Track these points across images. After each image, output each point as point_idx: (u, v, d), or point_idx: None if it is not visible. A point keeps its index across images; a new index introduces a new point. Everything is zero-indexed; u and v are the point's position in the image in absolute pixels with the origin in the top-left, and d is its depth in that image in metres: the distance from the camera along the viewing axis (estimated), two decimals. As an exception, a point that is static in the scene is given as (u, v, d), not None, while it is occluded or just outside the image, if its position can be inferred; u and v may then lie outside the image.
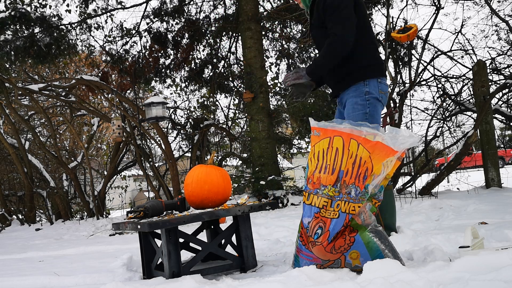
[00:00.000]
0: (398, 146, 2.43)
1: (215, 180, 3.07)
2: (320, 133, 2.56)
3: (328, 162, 2.49)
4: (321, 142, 2.54)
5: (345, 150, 2.45)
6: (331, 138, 2.50)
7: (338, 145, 2.47)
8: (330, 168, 2.48)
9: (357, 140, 2.44)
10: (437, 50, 8.01)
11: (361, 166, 2.42)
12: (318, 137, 2.57)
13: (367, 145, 2.42)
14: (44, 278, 3.34)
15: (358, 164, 2.42)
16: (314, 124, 2.61)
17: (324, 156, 2.51)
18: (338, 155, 2.46)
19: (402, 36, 3.31)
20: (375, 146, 2.42)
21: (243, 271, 2.96)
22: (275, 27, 9.87)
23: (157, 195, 8.86)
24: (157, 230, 2.95)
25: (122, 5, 9.31)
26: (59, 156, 9.31)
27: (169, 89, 14.18)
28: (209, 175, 3.06)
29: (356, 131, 2.45)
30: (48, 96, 9.56)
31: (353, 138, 2.44)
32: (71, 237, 6.92)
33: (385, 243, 2.44)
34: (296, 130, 10.37)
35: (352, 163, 2.43)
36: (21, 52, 7.72)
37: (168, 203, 3.17)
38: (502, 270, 1.92)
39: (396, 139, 2.43)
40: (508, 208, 4.58)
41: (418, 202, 5.54)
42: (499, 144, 9.06)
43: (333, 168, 2.47)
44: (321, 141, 2.54)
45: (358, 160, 2.42)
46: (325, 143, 2.52)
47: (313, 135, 2.61)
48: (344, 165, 2.44)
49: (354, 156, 2.43)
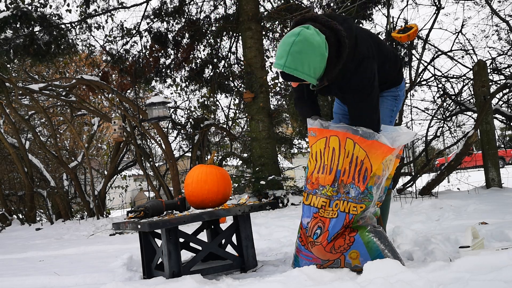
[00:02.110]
0: (393, 143, 2.43)
1: (215, 180, 3.07)
2: (317, 133, 2.56)
3: (325, 162, 2.49)
4: (318, 142, 2.54)
5: (341, 149, 2.45)
6: (327, 138, 2.50)
7: (335, 144, 2.47)
8: (327, 168, 2.48)
9: (353, 139, 2.44)
10: (438, 50, 8.00)
11: (358, 165, 2.42)
12: (315, 137, 2.57)
13: (363, 144, 2.42)
14: (45, 278, 3.34)
15: (355, 163, 2.43)
16: (311, 124, 2.61)
17: (321, 156, 2.52)
18: (334, 154, 2.47)
19: (403, 36, 3.31)
20: (371, 145, 2.42)
21: (243, 271, 2.96)
22: (275, 27, 9.87)
23: (157, 195, 8.86)
24: (157, 230, 2.95)
25: (123, 5, 9.32)
26: (59, 156, 9.31)
27: (170, 89, 14.19)
28: (209, 175, 3.06)
29: (351, 130, 2.45)
30: (48, 96, 9.56)
31: (348, 138, 2.44)
32: (71, 237, 6.92)
33: (385, 243, 2.44)
34: (297, 130, 10.38)
35: (349, 163, 2.43)
36: (20, 50, 7.73)
37: (169, 203, 3.17)
38: (502, 270, 1.92)
39: (391, 137, 2.44)
40: (508, 208, 4.57)
41: (418, 202, 5.54)
42: (500, 144, 9.06)
43: (331, 168, 2.47)
44: (318, 142, 2.55)
45: (354, 159, 2.43)
46: (321, 143, 2.52)
47: (310, 136, 2.61)
48: (341, 164, 2.45)
49: (351, 156, 2.43)
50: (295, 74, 2.35)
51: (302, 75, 2.35)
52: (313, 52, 2.33)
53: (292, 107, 8.61)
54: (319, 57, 2.34)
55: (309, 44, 2.32)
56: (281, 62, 2.35)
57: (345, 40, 2.38)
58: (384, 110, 2.71)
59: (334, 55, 2.39)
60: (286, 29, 9.54)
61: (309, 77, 2.37)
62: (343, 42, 2.38)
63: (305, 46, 2.32)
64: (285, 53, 2.33)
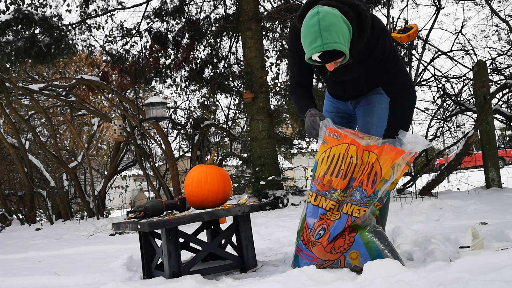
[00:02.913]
0: (405, 146, 2.46)
1: (215, 180, 3.06)
2: (340, 137, 2.56)
3: (342, 167, 2.50)
4: (340, 146, 2.54)
5: (358, 160, 2.49)
6: (349, 145, 2.52)
7: (353, 153, 2.51)
8: (343, 173, 2.50)
9: (369, 150, 2.49)
10: (438, 50, 8.01)
11: (368, 168, 2.46)
12: (338, 140, 2.56)
13: (375, 150, 2.48)
14: (45, 278, 3.34)
15: (367, 168, 2.46)
16: (334, 126, 2.59)
17: (339, 161, 2.52)
18: (352, 163, 2.50)
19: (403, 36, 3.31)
20: (382, 149, 2.47)
21: (243, 271, 2.96)
22: (275, 27, 9.87)
23: (157, 195, 8.86)
24: (157, 230, 2.95)
25: (123, 5, 9.32)
26: (59, 156, 9.31)
27: (170, 89, 14.19)
28: (209, 175, 3.06)
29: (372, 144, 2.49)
30: (48, 96, 9.57)
31: (365, 150, 2.49)
32: (71, 237, 6.92)
33: (385, 243, 2.44)
34: (297, 130, 10.37)
35: (362, 170, 2.48)
36: (22, 52, 7.75)
37: (169, 203, 3.17)
38: (502, 270, 1.92)
39: (403, 143, 2.46)
40: (508, 208, 4.57)
41: (418, 202, 5.54)
42: (500, 144, 9.06)
43: (346, 174, 2.50)
44: (339, 145, 2.54)
45: (367, 165, 2.47)
46: (343, 148, 2.53)
47: (332, 137, 2.58)
48: (356, 172, 2.49)
49: (365, 163, 2.48)
50: (337, 47, 2.25)
51: (342, 47, 2.26)
52: (340, 22, 2.26)
53: (292, 107, 8.61)
54: (346, 26, 2.29)
55: (333, 15, 2.26)
56: (318, 43, 2.24)
57: (365, 13, 2.34)
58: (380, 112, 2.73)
59: (356, 30, 2.34)
60: (286, 29, 9.54)
61: (347, 48, 2.30)
62: (364, 15, 2.34)
63: (331, 18, 2.25)
64: (317, 33, 2.24)
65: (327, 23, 2.23)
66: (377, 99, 2.77)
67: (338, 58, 2.32)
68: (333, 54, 2.28)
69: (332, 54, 2.28)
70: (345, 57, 2.35)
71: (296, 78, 2.76)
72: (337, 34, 2.24)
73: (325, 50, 2.25)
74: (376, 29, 2.44)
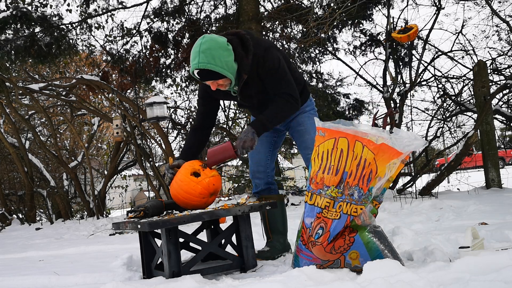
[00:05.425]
0: (403, 148, 2.43)
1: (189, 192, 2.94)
2: (326, 133, 2.55)
3: (332, 163, 2.49)
4: (326, 142, 2.54)
5: (349, 151, 2.45)
6: (336, 139, 2.50)
7: (343, 146, 2.47)
8: (334, 169, 2.48)
9: (362, 142, 2.44)
10: (438, 51, 8.02)
11: (365, 168, 2.42)
12: (323, 137, 2.56)
13: (371, 146, 2.42)
14: (44, 278, 3.33)
15: (363, 166, 2.43)
16: (320, 124, 2.60)
17: (328, 157, 2.51)
18: (342, 156, 2.46)
19: (403, 36, 3.32)
20: (379, 148, 2.42)
21: (243, 271, 2.96)
22: (275, 27, 9.87)
23: (157, 195, 8.86)
24: (157, 230, 2.95)
25: (123, 5, 9.31)
26: (59, 156, 9.31)
27: (170, 88, 14.16)
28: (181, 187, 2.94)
29: (360, 133, 2.45)
30: (48, 96, 9.57)
31: (358, 140, 2.44)
32: (71, 236, 6.91)
33: (385, 243, 2.44)
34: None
35: (357, 165, 2.43)
36: (21, 51, 7.73)
37: (169, 203, 3.17)
38: (502, 270, 1.92)
39: (401, 141, 2.43)
40: (508, 208, 4.57)
41: (418, 203, 5.54)
42: (500, 144, 9.06)
43: (337, 169, 2.47)
44: (326, 142, 2.54)
45: (362, 162, 2.43)
46: (330, 143, 2.52)
47: (318, 135, 2.60)
48: (349, 166, 2.45)
49: (359, 158, 2.43)
50: (210, 67, 2.65)
51: (216, 68, 2.66)
52: (220, 47, 2.68)
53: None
54: (226, 51, 2.69)
55: (214, 41, 2.68)
56: (195, 62, 2.66)
57: (246, 36, 2.80)
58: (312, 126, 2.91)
59: (241, 50, 2.76)
60: (286, 29, 9.54)
61: (224, 70, 2.69)
62: (245, 38, 2.80)
63: (211, 43, 2.67)
64: (196, 54, 2.66)
65: (206, 47, 2.66)
66: (306, 117, 3.09)
67: (215, 78, 2.72)
68: (208, 73, 2.69)
69: (208, 73, 2.69)
70: (230, 81, 2.77)
71: (197, 123, 3.19)
72: (214, 57, 2.65)
73: (200, 68, 2.66)
74: (261, 46, 2.84)
